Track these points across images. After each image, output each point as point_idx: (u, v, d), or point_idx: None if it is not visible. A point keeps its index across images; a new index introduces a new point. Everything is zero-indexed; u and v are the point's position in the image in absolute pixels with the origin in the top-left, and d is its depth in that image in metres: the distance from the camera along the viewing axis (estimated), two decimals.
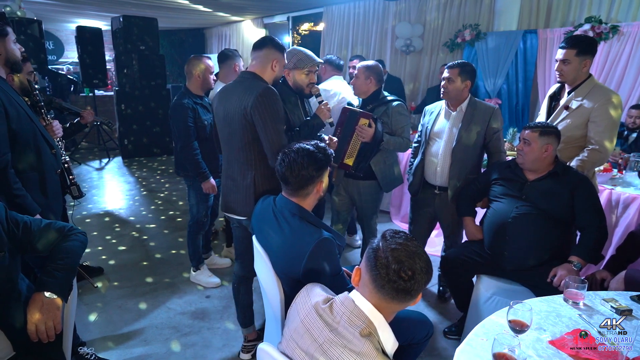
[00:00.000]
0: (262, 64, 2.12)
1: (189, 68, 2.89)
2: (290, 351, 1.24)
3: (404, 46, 6.15)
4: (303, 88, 2.51)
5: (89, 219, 4.55)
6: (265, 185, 2.11)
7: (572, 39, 2.45)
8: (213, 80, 2.97)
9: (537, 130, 2.21)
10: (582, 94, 2.44)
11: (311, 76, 2.50)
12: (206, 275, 3.21)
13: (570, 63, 2.41)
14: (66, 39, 11.51)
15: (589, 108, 2.39)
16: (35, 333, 1.39)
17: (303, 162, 1.69)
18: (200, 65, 2.87)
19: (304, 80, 2.47)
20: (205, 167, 2.87)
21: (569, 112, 2.47)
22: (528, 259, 2.19)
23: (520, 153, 2.26)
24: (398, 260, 1.12)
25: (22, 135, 1.91)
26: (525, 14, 5.21)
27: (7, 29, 1.92)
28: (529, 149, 2.21)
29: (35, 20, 6.51)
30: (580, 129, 2.44)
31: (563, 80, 2.50)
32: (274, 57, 2.13)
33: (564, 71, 2.44)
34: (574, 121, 2.44)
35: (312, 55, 2.48)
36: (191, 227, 3.14)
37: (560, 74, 2.47)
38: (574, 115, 2.45)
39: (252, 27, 9.39)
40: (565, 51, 2.41)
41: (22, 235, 1.51)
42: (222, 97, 2.17)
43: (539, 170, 2.25)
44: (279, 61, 2.15)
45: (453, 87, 2.55)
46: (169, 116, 2.95)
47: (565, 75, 2.46)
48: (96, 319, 2.75)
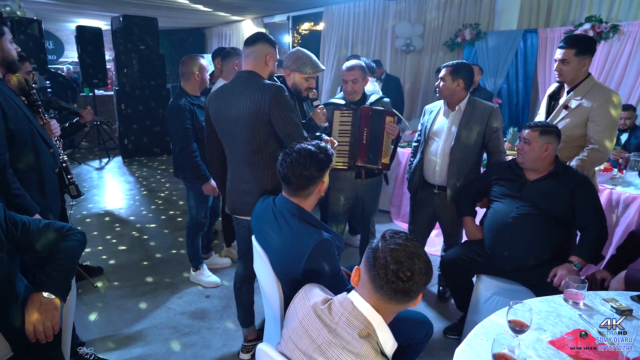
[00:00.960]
0: (257, 59, 2.11)
1: (186, 68, 2.86)
2: (289, 352, 1.24)
3: (404, 46, 6.15)
4: (301, 91, 2.52)
5: (89, 219, 4.55)
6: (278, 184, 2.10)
7: (570, 38, 2.45)
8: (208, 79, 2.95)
9: (537, 129, 2.20)
10: (581, 94, 2.44)
11: (311, 81, 2.52)
12: (206, 276, 3.21)
13: (570, 63, 2.40)
14: (66, 39, 11.50)
15: (588, 107, 2.39)
16: (33, 333, 1.39)
17: (305, 162, 1.68)
18: (199, 65, 2.86)
19: (303, 84, 2.50)
20: (205, 168, 2.84)
21: (568, 112, 2.47)
22: (528, 259, 2.18)
23: (520, 152, 2.26)
24: (397, 260, 1.12)
25: (20, 135, 1.91)
26: (526, 13, 5.21)
27: (3, 29, 1.91)
28: (529, 149, 2.21)
29: (35, 20, 6.51)
30: (580, 129, 2.44)
31: (562, 80, 2.50)
32: (267, 52, 2.11)
33: (563, 71, 2.44)
34: (573, 120, 2.44)
35: (317, 61, 2.50)
36: (190, 228, 3.13)
37: (559, 74, 2.47)
38: (573, 115, 2.45)
39: (252, 27, 9.39)
40: (564, 51, 2.41)
41: (20, 236, 1.50)
42: (222, 98, 2.12)
43: (539, 170, 2.24)
44: (272, 56, 2.14)
45: (444, 86, 2.57)
46: (166, 118, 2.92)
47: (564, 75, 2.45)
48: (96, 318, 2.75)
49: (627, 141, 3.94)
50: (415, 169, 2.79)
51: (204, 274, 3.21)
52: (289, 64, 2.54)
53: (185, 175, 2.97)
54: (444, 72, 2.57)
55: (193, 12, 8.34)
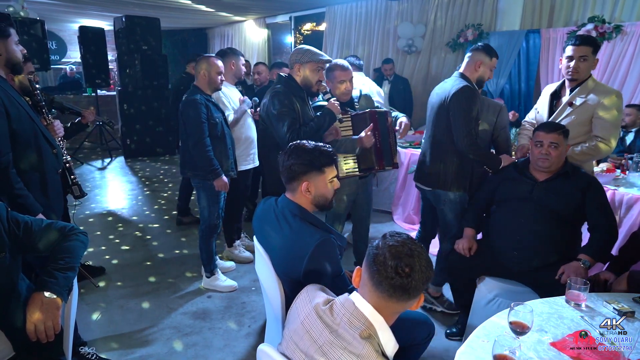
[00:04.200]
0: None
1: (197, 67, 2.91)
2: (290, 352, 1.24)
3: (406, 46, 6.14)
4: (312, 85, 2.52)
5: (91, 219, 4.56)
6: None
7: (585, 37, 2.48)
8: (220, 80, 2.93)
9: (560, 132, 2.19)
10: (585, 91, 2.45)
11: (321, 73, 2.54)
12: (222, 280, 3.12)
13: (587, 60, 2.41)
14: (69, 39, 11.53)
15: (593, 104, 2.41)
16: (34, 333, 1.39)
17: (291, 153, 1.71)
18: (206, 65, 2.87)
19: (315, 76, 2.53)
20: (217, 164, 2.83)
21: (573, 109, 2.48)
22: (535, 259, 2.18)
23: (546, 157, 2.19)
24: (396, 256, 1.11)
25: (23, 135, 1.92)
26: (528, 13, 5.20)
27: (9, 30, 1.93)
28: (558, 152, 2.18)
29: (38, 20, 6.53)
30: (584, 126, 2.45)
31: (577, 77, 2.47)
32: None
33: (580, 68, 2.43)
34: (578, 117, 2.45)
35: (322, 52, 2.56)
36: (203, 231, 3.03)
37: (575, 71, 2.45)
38: (578, 112, 2.46)
39: (254, 27, 9.39)
40: (584, 48, 2.41)
41: (23, 236, 1.51)
42: None
43: (551, 170, 2.24)
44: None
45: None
46: (179, 113, 2.89)
47: (581, 72, 2.44)
48: (98, 318, 2.76)
49: (633, 142, 3.93)
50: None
51: (219, 279, 3.13)
52: (298, 57, 2.54)
53: (195, 172, 2.91)
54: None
55: (195, 13, 8.35)
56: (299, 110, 2.49)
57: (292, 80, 2.55)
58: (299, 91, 2.54)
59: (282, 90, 2.50)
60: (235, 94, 3.40)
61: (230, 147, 3.00)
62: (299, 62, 2.52)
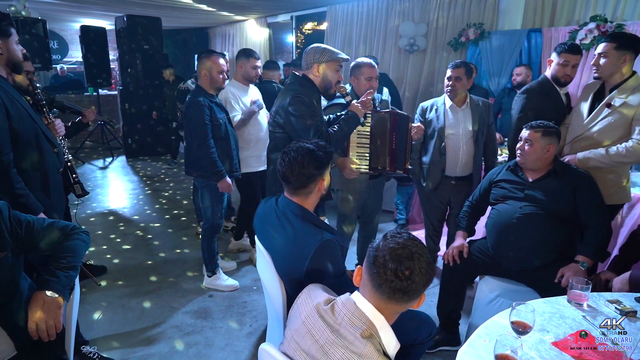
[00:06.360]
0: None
1: (198, 67, 2.91)
2: (291, 352, 1.24)
3: (407, 45, 6.13)
4: (331, 85, 2.43)
5: (93, 218, 4.57)
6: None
7: (613, 33, 2.46)
8: (223, 79, 2.92)
9: (539, 130, 2.20)
10: (626, 92, 2.33)
11: (339, 73, 2.44)
12: (223, 280, 3.14)
13: (608, 57, 2.32)
14: (70, 39, 11.53)
15: (634, 106, 2.28)
16: (36, 331, 1.39)
17: (303, 161, 1.68)
18: (206, 63, 2.86)
19: (334, 76, 2.42)
20: (221, 165, 2.83)
21: (611, 110, 2.36)
22: (534, 259, 2.17)
23: (522, 153, 2.25)
24: (396, 259, 1.11)
25: (24, 135, 1.92)
26: (530, 12, 5.18)
27: (10, 30, 1.93)
28: (531, 149, 2.21)
29: (40, 19, 6.53)
30: (622, 129, 2.33)
31: (599, 75, 2.40)
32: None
33: (599, 65, 2.37)
34: (617, 120, 2.34)
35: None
36: (206, 231, 3.04)
37: (596, 69, 2.39)
38: (617, 114, 2.34)
39: (255, 27, 9.38)
40: (603, 44, 2.35)
41: (25, 235, 1.51)
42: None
43: (539, 169, 2.25)
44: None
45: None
46: (183, 114, 2.89)
47: (601, 69, 2.37)
48: (99, 317, 2.76)
49: None
50: (435, 166, 2.87)
51: (221, 278, 3.14)
52: (317, 57, 2.39)
53: (200, 172, 2.91)
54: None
55: (197, 12, 8.34)
56: (319, 113, 2.44)
57: (309, 81, 2.42)
58: (315, 93, 2.43)
59: (304, 92, 2.36)
60: (247, 95, 3.36)
61: (234, 148, 2.99)
62: (318, 62, 2.38)
